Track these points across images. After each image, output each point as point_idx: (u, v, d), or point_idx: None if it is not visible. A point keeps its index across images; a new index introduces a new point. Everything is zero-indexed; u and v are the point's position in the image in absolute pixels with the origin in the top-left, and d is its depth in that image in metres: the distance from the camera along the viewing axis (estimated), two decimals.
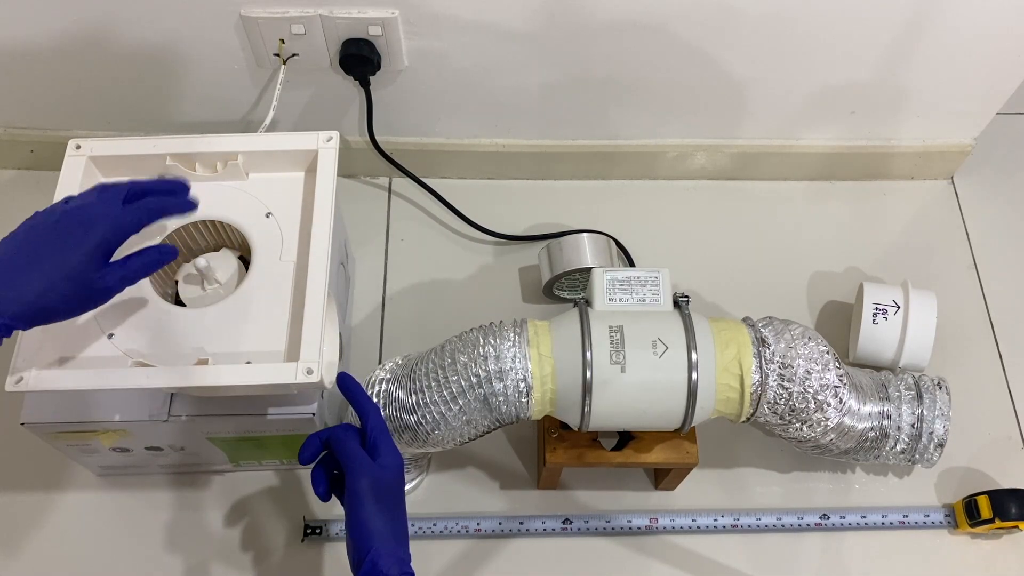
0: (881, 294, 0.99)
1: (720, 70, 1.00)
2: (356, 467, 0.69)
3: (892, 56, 0.99)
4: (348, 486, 0.69)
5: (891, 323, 0.97)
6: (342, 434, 0.71)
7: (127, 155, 0.81)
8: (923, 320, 0.96)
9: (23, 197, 1.13)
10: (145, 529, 0.93)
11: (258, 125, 0.94)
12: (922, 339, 0.96)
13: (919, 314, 0.97)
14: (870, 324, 0.98)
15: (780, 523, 0.94)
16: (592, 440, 0.86)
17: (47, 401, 0.80)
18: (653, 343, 0.77)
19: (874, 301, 0.99)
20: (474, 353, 0.79)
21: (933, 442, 0.88)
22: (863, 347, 0.99)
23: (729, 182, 1.17)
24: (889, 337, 0.97)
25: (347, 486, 0.69)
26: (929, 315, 0.97)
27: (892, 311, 0.97)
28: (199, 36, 0.94)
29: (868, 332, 0.98)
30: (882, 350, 0.98)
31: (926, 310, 0.97)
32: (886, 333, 0.98)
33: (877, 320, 0.98)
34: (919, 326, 0.96)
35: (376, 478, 0.69)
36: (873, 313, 0.98)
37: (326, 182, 0.80)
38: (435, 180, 1.12)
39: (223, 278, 0.82)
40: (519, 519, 0.93)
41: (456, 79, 1.01)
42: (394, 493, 0.70)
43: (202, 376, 0.71)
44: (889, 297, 0.99)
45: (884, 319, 0.97)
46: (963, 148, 1.14)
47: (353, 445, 0.70)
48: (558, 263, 0.99)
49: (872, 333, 0.98)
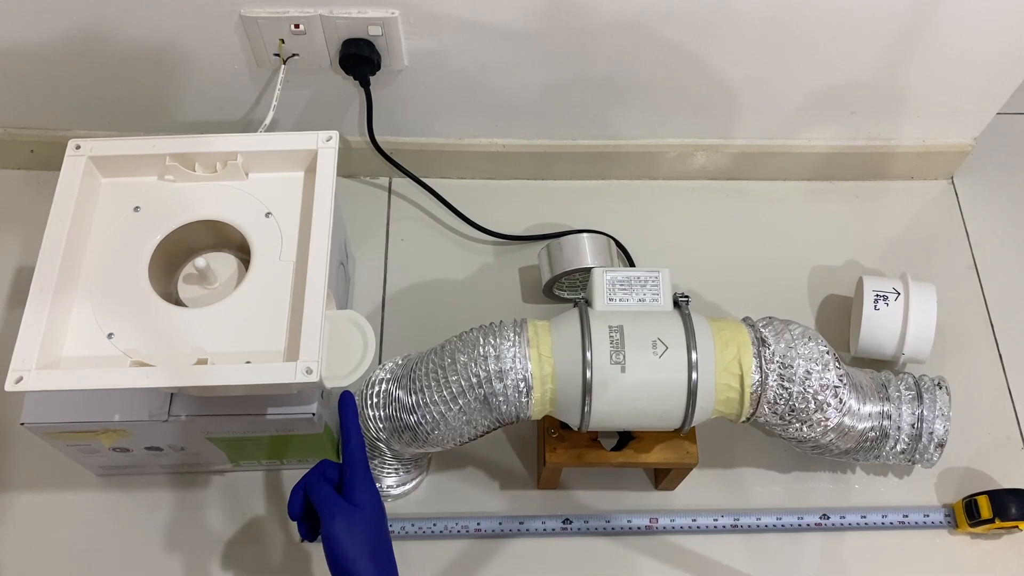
0: (881, 283, 0.99)
1: (720, 70, 1.00)
2: (327, 510, 0.69)
3: (892, 56, 0.99)
4: (323, 530, 0.69)
5: (892, 309, 0.97)
6: (316, 479, 0.72)
7: (127, 155, 0.81)
8: (924, 308, 0.96)
9: (23, 197, 1.13)
10: (145, 529, 0.93)
11: (258, 125, 0.94)
12: (924, 326, 0.96)
13: (920, 303, 0.96)
14: (871, 311, 0.97)
15: (780, 523, 0.94)
16: (592, 440, 0.86)
17: (47, 401, 0.80)
18: (653, 343, 0.77)
19: (874, 289, 0.98)
20: (474, 353, 0.79)
21: (933, 442, 0.88)
22: (865, 337, 0.98)
23: (729, 182, 1.17)
24: (891, 325, 0.97)
25: (322, 530, 0.69)
26: (930, 304, 0.96)
27: (893, 297, 0.97)
28: (199, 36, 0.94)
29: (870, 319, 0.97)
30: (884, 339, 0.98)
31: (926, 297, 0.97)
32: (888, 321, 0.97)
33: (879, 306, 0.97)
34: (920, 313, 0.96)
35: (350, 519, 0.69)
36: (874, 300, 0.98)
37: (326, 182, 0.80)
38: (435, 180, 1.12)
39: (223, 278, 0.82)
40: (519, 519, 0.93)
41: (456, 79, 1.01)
42: (373, 531, 0.70)
43: (202, 376, 0.71)
44: (889, 285, 0.99)
45: (885, 304, 0.97)
46: (963, 148, 1.14)
47: (325, 489, 0.71)
48: (558, 263, 0.99)
49: (873, 320, 0.97)
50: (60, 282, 0.74)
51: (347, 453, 0.73)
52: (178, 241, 0.82)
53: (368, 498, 0.71)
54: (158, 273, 0.80)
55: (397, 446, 0.86)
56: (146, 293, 0.77)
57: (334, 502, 0.70)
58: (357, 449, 0.73)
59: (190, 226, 0.82)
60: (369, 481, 0.72)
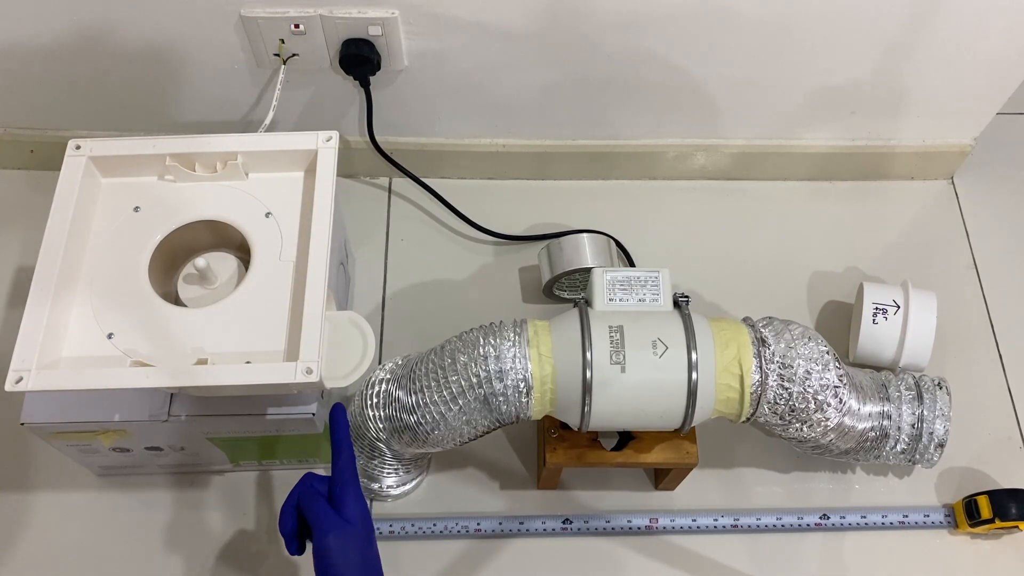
0: (881, 294, 0.99)
1: (720, 70, 1.00)
2: (321, 527, 0.70)
3: (892, 56, 0.98)
4: (315, 545, 0.70)
5: (891, 323, 0.97)
6: (309, 495, 0.72)
7: (127, 155, 0.81)
8: (923, 320, 0.96)
9: (23, 197, 1.13)
10: (145, 529, 0.93)
11: (258, 125, 0.94)
12: (922, 339, 0.96)
13: (919, 314, 0.97)
14: (870, 324, 0.98)
15: (780, 523, 0.94)
16: (592, 440, 0.86)
17: (47, 401, 0.80)
18: (653, 343, 0.77)
19: (874, 301, 0.99)
20: (474, 353, 0.79)
21: (933, 442, 0.88)
22: (863, 347, 0.99)
23: (729, 182, 1.17)
24: (889, 337, 0.97)
25: (314, 545, 0.70)
26: (929, 315, 0.97)
27: (892, 311, 0.97)
28: (199, 36, 0.94)
29: (868, 332, 0.98)
30: (882, 350, 0.98)
31: (926, 310, 0.97)
32: (886, 333, 0.98)
33: (877, 320, 0.98)
34: (919, 326, 0.96)
35: (343, 535, 0.69)
36: (873, 313, 0.98)
37: (326, 182, 0.80)
38: (435, 180, 1.12)
39: (222, 278, 0.82)
40: (519, 519, 0.93)
41: (456, 79, 1.01)
42: (363, 547, 0.70)
43: (202, 376, 0.71)
44: (889, 297, 0.99)
45: (884, 319, 0.97)
46: (963, 148, 1.14)
47: (320, 505, 0.71)
48: (558, 263, 0.99)
49: (872, 333, 0.98)
50: (60, 282, 0.74)
51: (337, 468, 0.73)
52: (178, 241, 0.82)
53: (358, 513, 0.71)
54: (158, 273, 0.80)
55: (397, 446, 0.86)
56: (146, 293, 0.77)
57: (328, 518, 0.70)
58: (348, 464, 0.73)
59: (190, 226, 0.82)
60: (359, 496, 0.72)
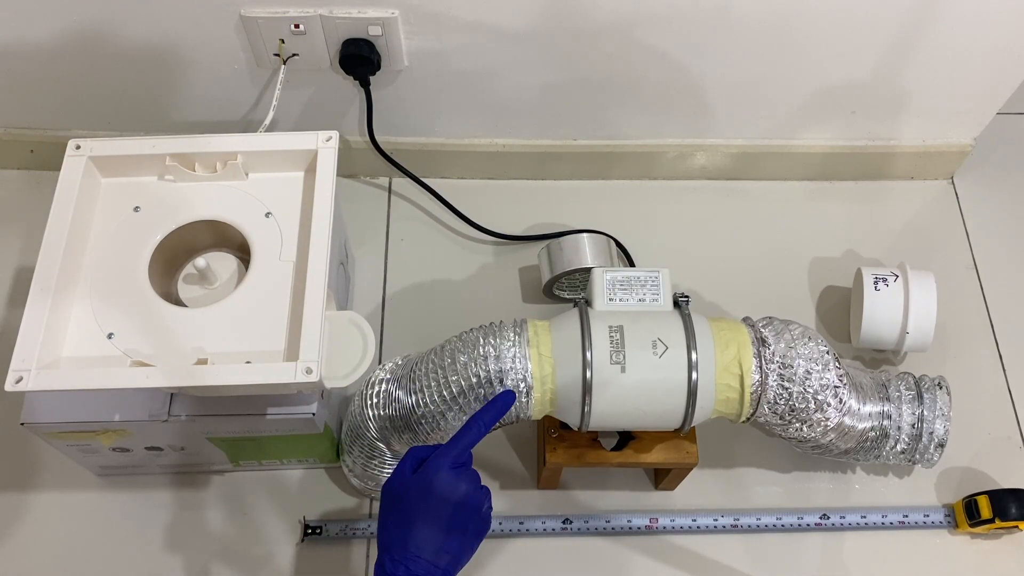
0: (879, 269, 1.00)
1: (720, 70, 1.00)
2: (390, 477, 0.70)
3: (892, 56, 0.98)
4: None
5: (892, 290, 0.97)
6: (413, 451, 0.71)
7: (127, 155, 0.81)
8: (924, 290, 0.97)
9: (23, 197, 1.13)
10: (145, 529, 0.93)
11: (258, 125, 0.94)
12: (926, 306, 0.96)
13: (919, 286, 0.97)
14: (872, 292, 0.98)
15: (780, 523, 0.94)
16: (592, 440, 0.86)
17: (47, 401, 0.80)
18: (653, 343, 0.77)
19: (873, 273, 0.99)
20: (474, 353, 0.79)
21: (933, 442, 0.88)
22: (867, 319, 0.98)
23: (729, 182, 1.17)
24: (893, 303, 0.97)
25: None
26: (929, 288, 0.97)
27: (892, 279, 0.98)
28: (199, 36, 0.95)
29: (871, 302, 0.98)
30: (886, 321, 0.98)
31: (926, 283, 0.97)
32: (889, 299, 0.97)
33: (879, 287, 0.97)
34: (921, 293, 0.97)
35: (403, 485, 0.68)
36: (874, 281, 0.98)
37: (326, 182, 0.80)
38: (435, 180, 1.12)
39: (223, 278, 0.82)
40: (519, 519, 0.93)
41: (456, 79, 1.01)
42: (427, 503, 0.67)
43: (202, 376, 0.71)
44: (887, 271, 0.99)
45: (885, 285, 0.97)
46: (963, 148, 1.14)
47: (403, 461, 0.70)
48: (558, 263, 0.99)
49: (875, 303, 0.98)
50: (60, 282, 0.74)
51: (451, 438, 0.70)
52: (178, 241, 0.82)
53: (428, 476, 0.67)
54: (158, 273, 0.80)
55: (397, 446, 0.86)
56: (146, 293, 0.77)
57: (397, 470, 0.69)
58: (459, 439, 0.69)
59: (190, 226, 0.82)
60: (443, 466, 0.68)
